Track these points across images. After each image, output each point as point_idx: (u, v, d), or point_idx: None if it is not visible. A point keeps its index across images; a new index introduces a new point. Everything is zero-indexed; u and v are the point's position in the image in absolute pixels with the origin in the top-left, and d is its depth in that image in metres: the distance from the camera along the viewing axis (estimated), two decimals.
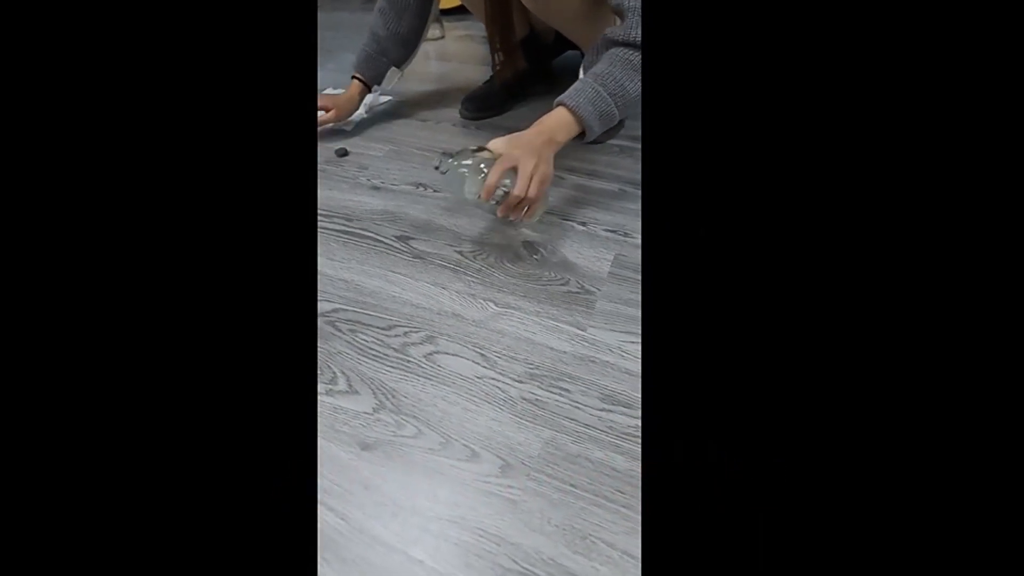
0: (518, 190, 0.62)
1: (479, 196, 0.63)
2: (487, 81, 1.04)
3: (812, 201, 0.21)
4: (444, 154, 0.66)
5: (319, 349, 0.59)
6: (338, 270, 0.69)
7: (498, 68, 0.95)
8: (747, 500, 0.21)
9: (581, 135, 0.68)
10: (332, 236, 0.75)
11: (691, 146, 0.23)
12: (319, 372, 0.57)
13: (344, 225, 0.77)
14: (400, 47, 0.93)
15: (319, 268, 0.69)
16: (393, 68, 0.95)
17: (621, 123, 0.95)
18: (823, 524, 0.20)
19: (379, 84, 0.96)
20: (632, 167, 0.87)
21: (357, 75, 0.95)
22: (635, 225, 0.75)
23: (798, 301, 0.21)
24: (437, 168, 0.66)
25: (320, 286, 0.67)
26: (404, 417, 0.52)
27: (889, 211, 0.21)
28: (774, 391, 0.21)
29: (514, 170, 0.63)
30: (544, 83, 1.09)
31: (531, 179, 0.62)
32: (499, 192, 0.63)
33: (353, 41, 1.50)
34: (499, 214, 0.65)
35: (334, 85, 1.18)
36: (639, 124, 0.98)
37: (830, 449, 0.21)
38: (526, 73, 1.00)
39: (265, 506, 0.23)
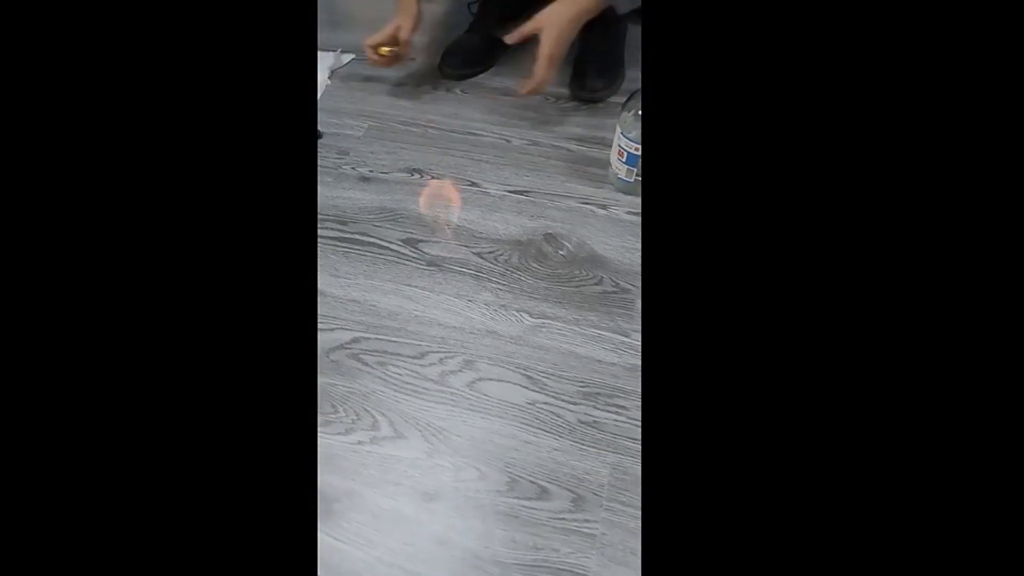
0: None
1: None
2: (467, 31, 0.90)
3: (813, 199, 0.21)
4: None
5: (349, 389, 0.54)
6: (346, 289, 0.62)
7: None
8: (747, 496, 0.21)
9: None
10: (329, 246, 0.66)
11: (691, 148, 0.23)
12: (357, 417, 0.52)
13: (340, 231, 0.68)
14: None
15: (323, 288, 0.62)
16: None
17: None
18: (823, 522, 0.21)
19: None
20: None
21: None
22: None
23: (798, 299, 0.21)
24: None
25: (331, 311, 0.60)
26: (462, 459, 0.50)
27: (887, 208, 0.21)
28: (775, 388, 0.21)
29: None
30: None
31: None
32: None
33: None
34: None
35: None
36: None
37: (831, 447, 0.21)
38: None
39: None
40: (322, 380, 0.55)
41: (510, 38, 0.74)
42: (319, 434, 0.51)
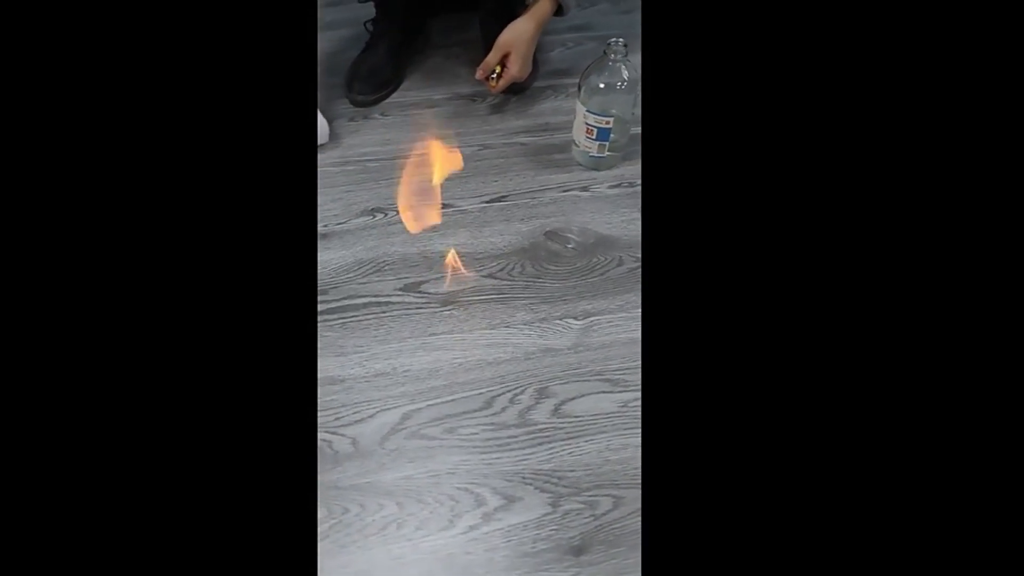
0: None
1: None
2: (364, 51, 0.81)
3: (813, 192, 0.21)
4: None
5: (429, 473, 0.46)
6: (364, 364, 0.52)
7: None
8: (747, 496, 0.21)
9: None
10: (322, 323, 0.55)
11: (691, 141, 0.22)
12: (455, 501, 0.44)
13: (323, 302, 0.57)
14: None
15: (335, 374, 0.51)
16: None
17: None
18: (823, 522, 0.20)
19: None
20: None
21: None
22: (632, 172, 0.70)
23: (798, 294, 0.21)
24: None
25: (359, 396, 0.50)
26: (587, 494, 0.45)
27: (886, 206, 0.20)
28: (774, 384, 0.21)
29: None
30: (422, 39, 0.90)
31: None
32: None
33: None
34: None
35: None
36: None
37: (831, 447, 0.20)
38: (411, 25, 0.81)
39: None
40: (391, 476, 0.45)
41: (480, 74, 0.72)
42: (422, 539, 0.42)
